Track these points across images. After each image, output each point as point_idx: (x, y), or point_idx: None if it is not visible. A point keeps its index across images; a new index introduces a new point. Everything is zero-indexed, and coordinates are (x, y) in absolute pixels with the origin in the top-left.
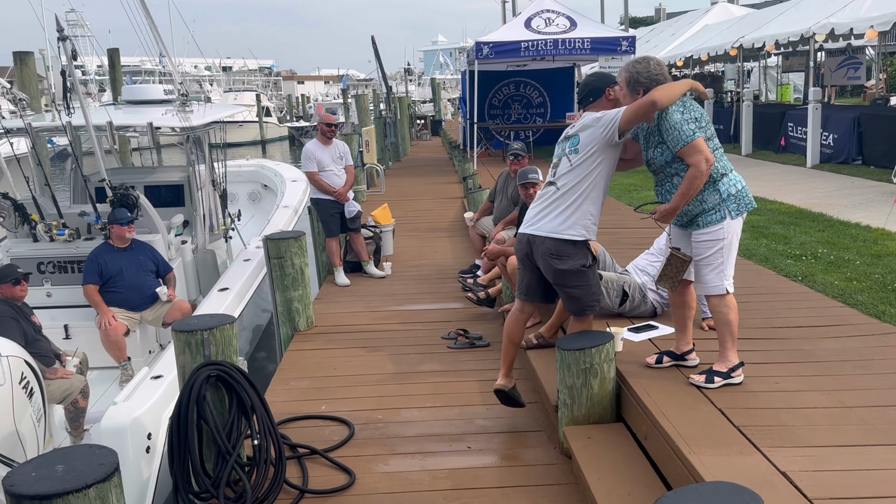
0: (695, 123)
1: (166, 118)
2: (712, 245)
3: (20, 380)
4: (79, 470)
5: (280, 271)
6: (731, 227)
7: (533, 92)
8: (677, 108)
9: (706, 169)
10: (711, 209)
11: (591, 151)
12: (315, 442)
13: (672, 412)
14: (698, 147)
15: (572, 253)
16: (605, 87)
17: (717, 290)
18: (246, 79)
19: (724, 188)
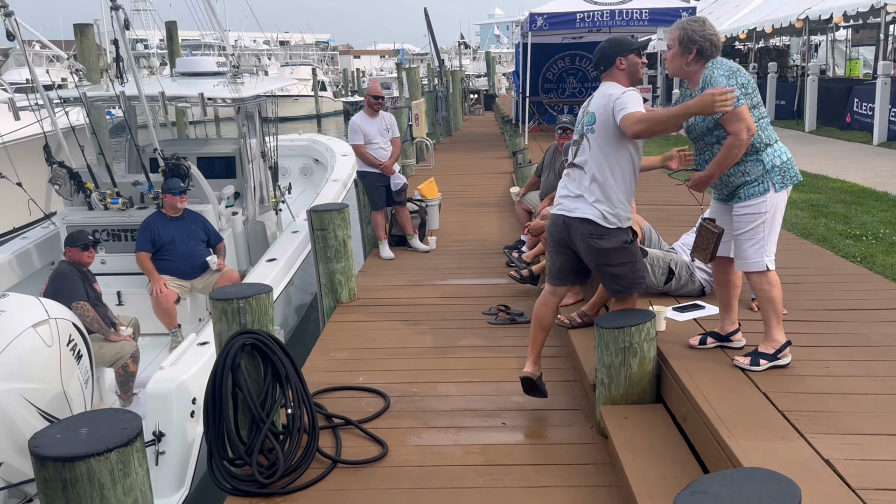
0: (740, 90)
1: (217, 89)
2: (754, 219)
3: (68, 342)
4: (102, 434)
5: (323, 243)
6: (774, 200)
7: (589, 65)
8: (724, 73)
9: (746, 139)
10: (754, 181)
11: (608, 134)
12: (351, 413)
13: (713, 394)
14: (741, 115)
15: (613, 231)
16: (616, 56)
17: (757, 267)
18: (303, 53)
19: (767, 159)
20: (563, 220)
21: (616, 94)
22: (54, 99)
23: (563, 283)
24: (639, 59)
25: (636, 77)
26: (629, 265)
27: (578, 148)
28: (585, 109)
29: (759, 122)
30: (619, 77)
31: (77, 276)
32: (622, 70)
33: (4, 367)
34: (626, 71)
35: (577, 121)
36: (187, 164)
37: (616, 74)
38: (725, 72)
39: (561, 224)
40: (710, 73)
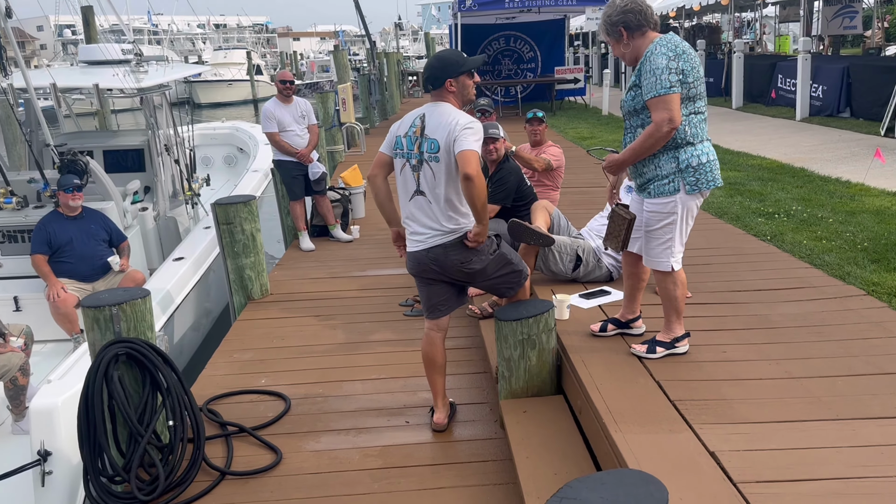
0: (678, 76)
1: (117, 79)
2: (661, 218)
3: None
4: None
5: (230, 238)
6: (684, 203)
7: (524, 46)
8: (666, 53)
9: (667, 131)
10: (665, 177)
11: (453, 161)
12: (248, 418)
13: (607, 386)
14: (668, 103)
15: (481, 248)
16: (446, 78)
17: (663, 267)
18: (238, 36)
19: (683, 157)
20: (427, 254)
21: (462, 122)
22: None
23: (442, 313)
24: (470, 79)
25: (467, 98)
26: (506, 267)
27: (419, 174)
28: (419, 131)
29: (692, 116)
30: (450, 98)
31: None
32: (452, 92)
33: None
34: (455, 93)
35: (407, 142)
36: (85, 159)
37: (446, 95)
38: (669, 52)
39: (424, 258)
40: (654, 49)
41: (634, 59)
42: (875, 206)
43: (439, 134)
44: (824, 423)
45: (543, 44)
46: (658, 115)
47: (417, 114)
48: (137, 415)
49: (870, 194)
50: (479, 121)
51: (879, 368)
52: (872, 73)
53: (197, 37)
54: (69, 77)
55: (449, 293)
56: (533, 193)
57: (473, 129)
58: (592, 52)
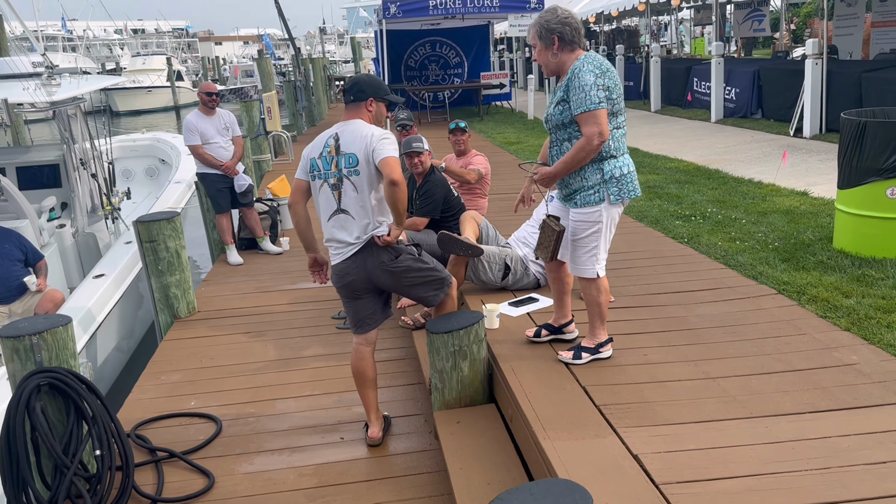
0: (605, 92)
1: (27, 93)
2: (587, 227)
3: None
4: None
5: (154, 255)
6: (608, 212)
7: (450, 52)
8: (593, 70)
9: (597, 144)
10: (591, 188)
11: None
12: (177, 443)
13: (535, 393)
14: (598, 118)
15: (403, 247)
16: (370, 97)
17: (589, 274)
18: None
19: (608, 168)
20: (352, 264)
21: (377, 134)
22: None
23: (370, 327)
24: (386, 111)
25: (379, 123)
26: (429, 272)
27: (339, 192)
28: (334, 150)
29: (615, 131)
30: (364, 116)
31: None
32: (369, 111)
33: None
34: (372, 113)
35: (323, 162)
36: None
37: (362, 112)
38: (595, 69)
39: (351, 268)
40: (581, 66)
41: (555, 70)
42: (785, 205)
43: (356, 147)
44: (740, 422)
45: (469, 49)
46: (588, 129)
47: (329, 134)
48: (62, 446)
49: (780, 194)
50: (397, 136)
51: (790, 366)
52: (781, 76)
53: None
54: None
55: (375, 306)
56: (461, 204)
57: (389, 139)
58: (517, 56)
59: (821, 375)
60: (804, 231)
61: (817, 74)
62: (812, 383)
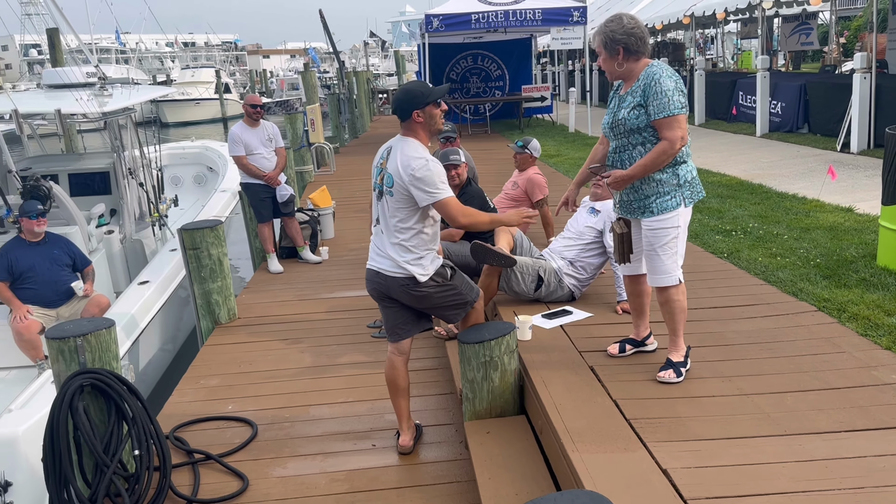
0: (683, 97)
1: (80, 104)
2: (667, 233)
3: None
4: None
5: (197, 262)
6: (684, 216)
7: (491, 64)
8: (671, 76)
9: (679, 148)
10: (667, 193)
11: (406, 200)
12: (214, 445)
13: (566, 405)
14: (681, 122)
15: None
16: (412, 110)
17: (671, 281)
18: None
19: (682, 173)
20: (377, 274)
21: (417, 164)
22: None
23: (401, 336)
24: (437, 108)
25: (434, 128)
26: (453, 297)
27: (379, 204)
28: (384, 163)
29: None
30: (418, 130)
31: None
32: (419, 123)
33: None
34: (423, 123)
35: (376, 171)
36: (48, 184)
37: (414, 127)
38: (672, 75)
39: (377, 278)
40: (659, 73)
41: (621, 77)
42: (829, 221)
43: (394, 170)
44: (773, 439)
45: (511, 62)
46: (672, 133)
47: (387, 146)
48: (103, 445)
49: (824, 210)
50: (440, 147)
51: (827, 384)
52: (828, 91)
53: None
54: (31, 102)
55: (407, 317)
56: None
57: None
58: (559, 69)
59: (858, 394)
60: (847, 248)
61: (865, 89)
62: (849, 402)
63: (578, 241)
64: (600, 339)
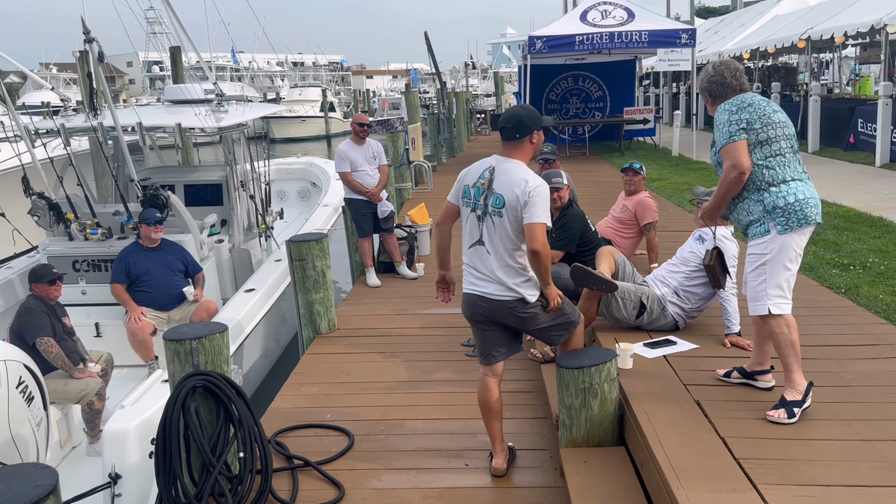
0: (736, 126)
1: (198, 118)
2: (754, 260)
3: (18, 384)
4: (15, 491)
5: (302, 273)
6: (777, 243)
7: (592, 86)
8: (727, 109)
9: (735, 176)
10: (757, 220)
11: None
12: (313, 452)
13: (670, 439)
14: (730, 151)
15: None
16: (534, 129)
17: (759, 310)
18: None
19: (769, 199)
20: (481, 298)
21: (532, 184)
22: (37, 129)
23: (496, 359)
24: (541, 134)
25: (537, 152)
26: (559, 317)
27: (482, 225)
28: (487, 184)
29: (769, 159)
30: (527, 149)
31: (43, 311)
32: (533, 144)
33: None
34: (536, 145)
35: (475, 192)
36: (166, 193)
37: (525, 146)
38: (730, 107)
39: (481, 302)
40: (719, 109)
41: None
42: None
43: (507, 191)
44: (894, 491)
45: (612, 84)
46: (726, 163)
47: (486, 165)
48: (210, 445)
49: None
50: (539, 169)
51: None
52: None
53: (276, 74)
54: (154, 116)
55: (502, 339)
56: (598, 239)
57: (541, 199)
58: (662, 91)
59: None
60: None
61: None
62: None
63: (683, 268)
64: (707, 373)
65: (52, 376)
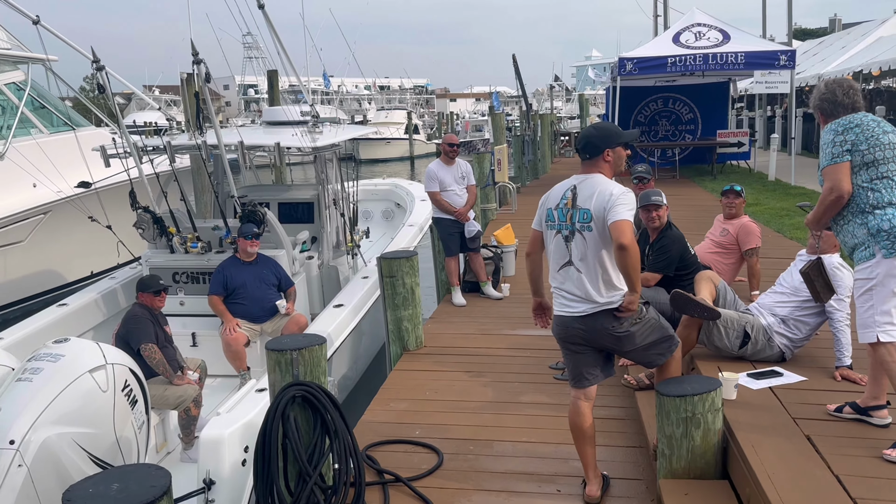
0: (840, 147)
1: (295, 139)
2: (860, 285)
3: (123, 387)
4: (131, 490)
5: (391, 290)
6: (883, 268)
7: (683, 108)
8: (833, 129)
9: (833, 199)
10: (861, 244)
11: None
12: (403, 468)
13: (780, 475)
14: (831, 173)
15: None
16: (605, 148)
17: (868, 338)
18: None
19: (873, 222)
20: (575, 320)
21: (617, 191)
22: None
23: (590, 382)
24: (624, 151)
25: (619, 169)
26: (656, 332)
27: (570, 245)
28: (570, 203)
29: (875, 182)
30: (604, 168)
31: (148, 319)
32: (608, 162)
33: (59, 412)
34: (611, 163)
35: (559, 214)
36: (263, 210)
37: (601, 165)
38: (837, 127)
39: (574, 323)
40: (826, 129)
41: None
42: None
43: (592, 204)
44: None
45: (704, 106)
46: (825, 185)
47: (567, 186)
48: (307, 455)
49: None
50: (633, 189)
51: None
52: None
53: (363, 97)
54: (254, 136)
55: (595, 362)
56: (697, 263)
57: (628, 200)
58: (758, 114)
59: None
60: None
61: None
62: None
63: (794, 298)
64: (817, 407)
65: (153, 382)
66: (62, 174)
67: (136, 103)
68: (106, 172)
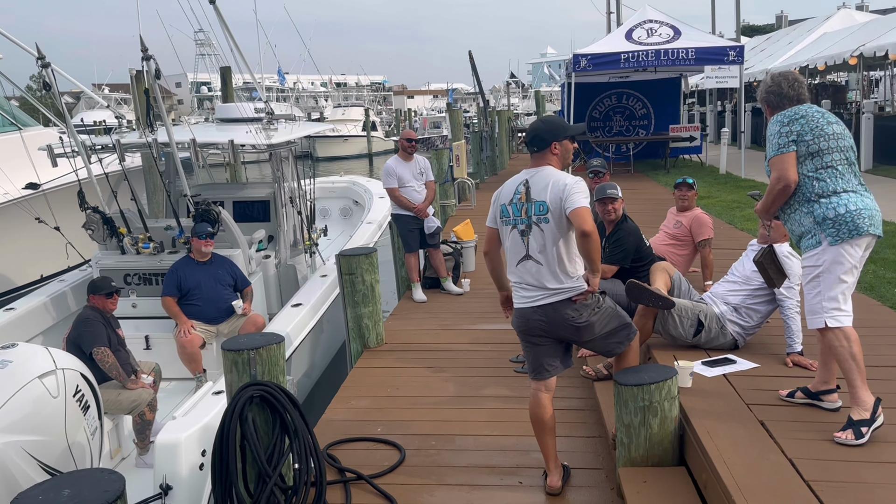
0: (786, 138)
1: (249, 136)
2: (808, 272)
3: (75, 393)
4: (83, 496)
5: (351, 287)
6: (828, 255)
7: (636, 103)
8: (778, 120)
9: (780, 188)
10: (808, 233)
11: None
12: (365, 465)
13: (735, 460)
14: (777, 163)
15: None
16: (552, 141)
17: (815, 324)
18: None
19: (819, 211)
20: (535, 311)
21: (570, 180)
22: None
23: (550, 374)
24: (571, 144)
25: (566, 161)
26: (614, 320)
27: (528, 239)
28: (524, 197)
29: (820, 171)
30: (553, 160)
31: (100, 322)
32: (556, 154)
33: (6, 419)
34: (559, 155)
35: (513, 209)
36: (217, 209)
37: (550, 158)
38: (782, 118)
39: (535, 315)
40: (769, 126)
41: None
42: None
43: (548, 195)
44: None
45: (656, 101)
46: (772, 175)
47: (519, 180)
48: (266, 456)
49: None
50: (589, 183)
51: None
52: None
53: (320, 94)
54: (207, 133)
55: (555, 353)
56: (652, 254)
57: (581, 188)
58: (708, 109)
59: None
60: None
61: None
62: None
63: (745, 287)
64: (770, 392)
65: (106, 387)
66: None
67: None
68: (54, 173)
